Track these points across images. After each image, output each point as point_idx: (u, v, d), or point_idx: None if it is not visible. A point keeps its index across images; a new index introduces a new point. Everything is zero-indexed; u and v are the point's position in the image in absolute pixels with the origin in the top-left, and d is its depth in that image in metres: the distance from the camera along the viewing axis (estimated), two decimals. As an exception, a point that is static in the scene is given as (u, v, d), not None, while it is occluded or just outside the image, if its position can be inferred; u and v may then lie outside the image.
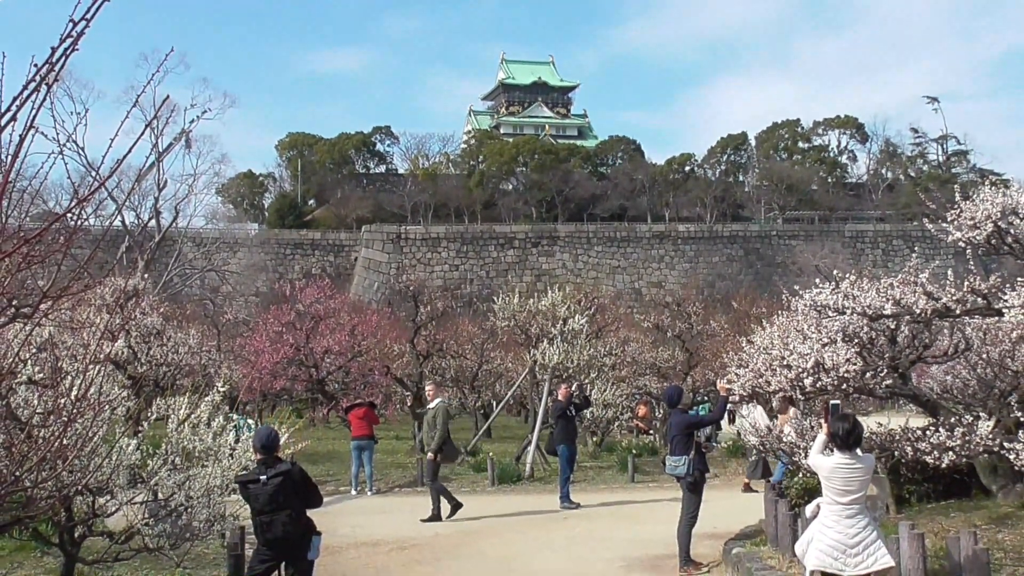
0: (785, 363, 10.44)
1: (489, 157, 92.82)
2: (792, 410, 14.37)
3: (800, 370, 10.22)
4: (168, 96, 48.81)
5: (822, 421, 7.39)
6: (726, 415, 15.72)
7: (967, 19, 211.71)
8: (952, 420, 9.95)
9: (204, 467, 8.40)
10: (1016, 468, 9.48)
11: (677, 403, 11.33)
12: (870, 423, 10.25)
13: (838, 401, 7.81)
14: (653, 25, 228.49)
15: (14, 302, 6.85)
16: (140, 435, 8.61)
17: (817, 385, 10.15)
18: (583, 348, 20.68)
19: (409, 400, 27.31)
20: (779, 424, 14.84)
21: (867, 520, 6.84)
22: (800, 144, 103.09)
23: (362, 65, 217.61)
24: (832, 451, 6.94)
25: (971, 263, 11.65)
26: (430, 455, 14.78)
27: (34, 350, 10.16)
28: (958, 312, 9.83)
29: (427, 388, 16.31)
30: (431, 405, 15.34)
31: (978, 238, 9.69)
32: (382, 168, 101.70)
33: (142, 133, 4.42)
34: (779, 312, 12.42)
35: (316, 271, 71.19)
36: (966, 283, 9.70)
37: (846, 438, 6.82)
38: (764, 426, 13.28)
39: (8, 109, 3.49)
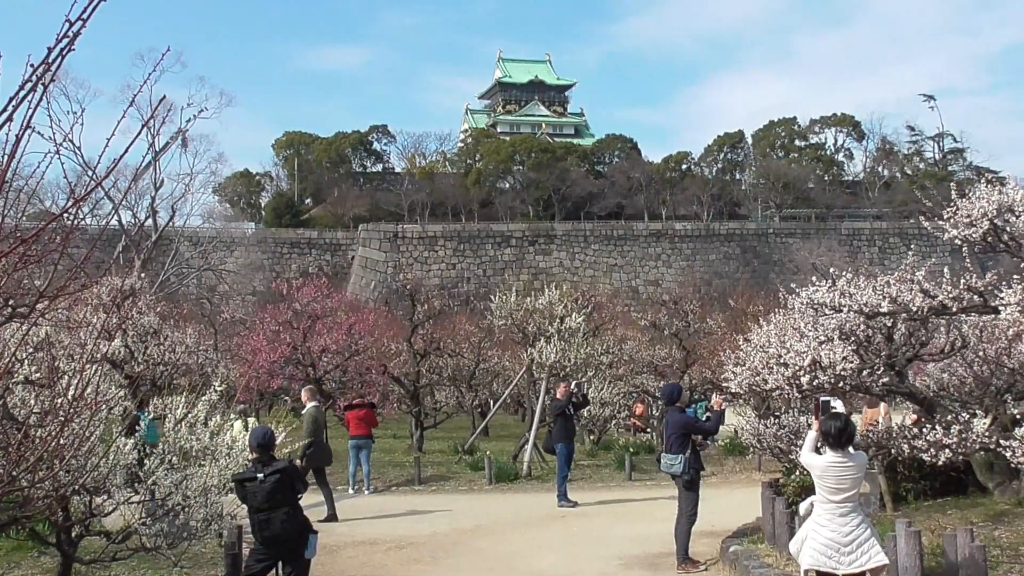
0: (782, 361, 10.46)
1: (486, 156, 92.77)
2: (883, 406, 14.39)
3: (797, 368, 10.23)
4: (165, 95, 48.78)
5: (813, 419, 7.38)
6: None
7: (966, 14, 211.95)
8: (949, 418, 9.97)
9: (201, 466, 8.40)
10: (1012, 465, 9.51)
11: (675, 401, 11.34)
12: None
13: (829, 398, 7.79)
14: (651, 22, 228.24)
15: (11, 302, 6.85)
16: (137, 434, 8.60)
17: (814, 383, 10.17)
18: (580, 346, 20.66)
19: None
20: (866, 418, 14.93)
21: (861, 518, 6.83)
22: (797, 142, 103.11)
23: (359, 62, 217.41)
24: (824, 449, 6.93)
25: (967, 261, 11.63)
26: (296, 461, 15.01)
27: (31, 350, 10.14)
28: (955, 310, 9.85)
29: (302, 394, 16.28)
30: (303, 411, 15.47)
31: (974, 236, 9.71)
32: (379, 167, 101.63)
33: (139, 132, 4.44)
34: (776, 310, 12.43)
35: (313, 270, 71.17)
36: (962, 281, 9.72)
37: (838, 436, 6.80)
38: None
39: (4, 109, 3.49)
